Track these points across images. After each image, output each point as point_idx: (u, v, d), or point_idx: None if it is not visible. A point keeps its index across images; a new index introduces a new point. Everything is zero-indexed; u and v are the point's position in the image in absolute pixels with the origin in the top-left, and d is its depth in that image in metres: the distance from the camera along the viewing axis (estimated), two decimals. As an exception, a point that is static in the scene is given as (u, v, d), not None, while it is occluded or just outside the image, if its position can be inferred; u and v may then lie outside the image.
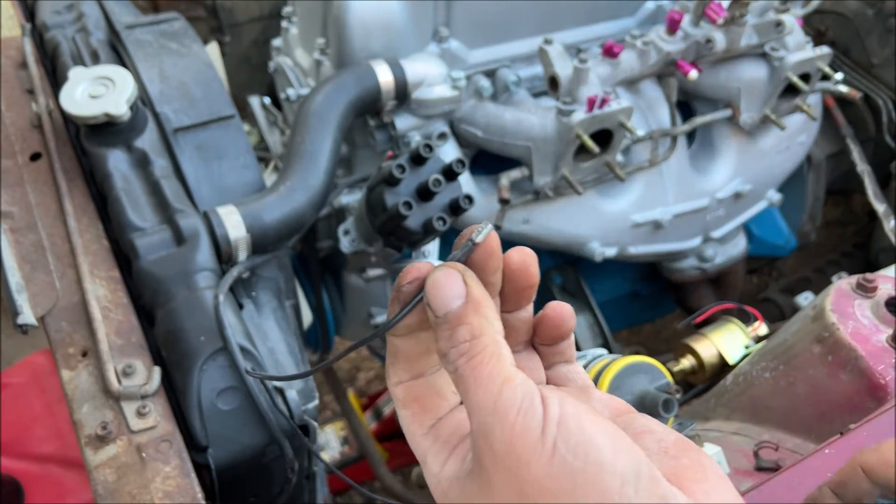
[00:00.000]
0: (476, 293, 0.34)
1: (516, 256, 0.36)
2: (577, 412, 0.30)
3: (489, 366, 0.31)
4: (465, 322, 0.33)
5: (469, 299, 0.33)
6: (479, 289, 0.34)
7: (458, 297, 0.33)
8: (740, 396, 0.82)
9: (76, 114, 0.75)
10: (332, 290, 1.18)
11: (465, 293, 0.33)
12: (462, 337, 0.32)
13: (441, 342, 0.33)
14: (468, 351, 0.32)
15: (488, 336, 0.32)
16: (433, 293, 0.34)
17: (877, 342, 0.70)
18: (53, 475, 0.95)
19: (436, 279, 0.34)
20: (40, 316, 0.69)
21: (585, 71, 0.95)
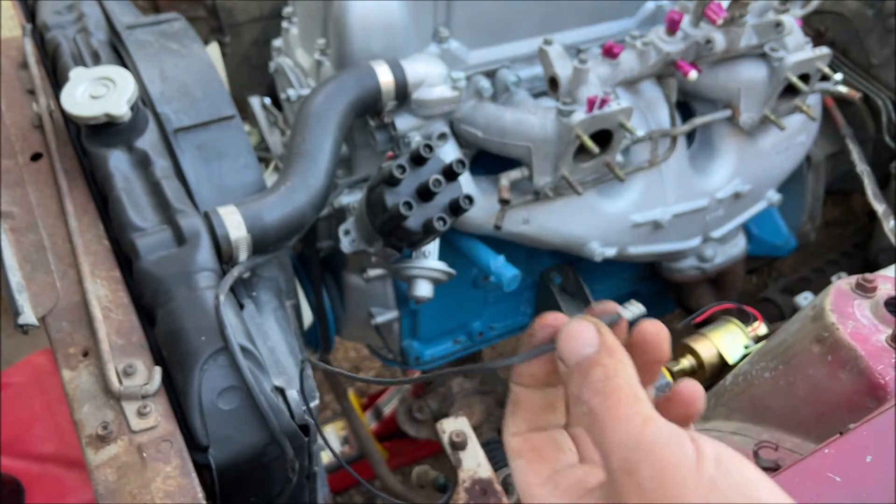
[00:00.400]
0: (610, 340, 0.33)
1: (651, 328, 0.36)
2: (734, 454, 0.30)
3: (627, 405, 0.30)
4: (600, 364, 0.32)
5: (603, 346, 0.33)
6: (613, 338, 0.34)
7: (590, 344, 0.33)
8: (740, 396, 0.82)
9: (77, 114, 0.75)
10: (333, 290, 1.18)
11: (599, 341, 0.33)
12: (596, 377, 0.31)
13: (573, 386, 0.32)
14: (603, 390, 0.31)
15: (623, 376, 0.32)
16: (565, 342, 0.33)
17: (876, 342, 0.70)
18: (54, 475, 0.95)
19: (568, 329, 0.34)
20: (41, 316, 0.69)
21: (585, 71, 0.95)
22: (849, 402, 0.70)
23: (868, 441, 0.59)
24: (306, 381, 0.75)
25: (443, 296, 1.04)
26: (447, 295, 1.15)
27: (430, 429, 1.38)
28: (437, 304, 1.11)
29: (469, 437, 0.83)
